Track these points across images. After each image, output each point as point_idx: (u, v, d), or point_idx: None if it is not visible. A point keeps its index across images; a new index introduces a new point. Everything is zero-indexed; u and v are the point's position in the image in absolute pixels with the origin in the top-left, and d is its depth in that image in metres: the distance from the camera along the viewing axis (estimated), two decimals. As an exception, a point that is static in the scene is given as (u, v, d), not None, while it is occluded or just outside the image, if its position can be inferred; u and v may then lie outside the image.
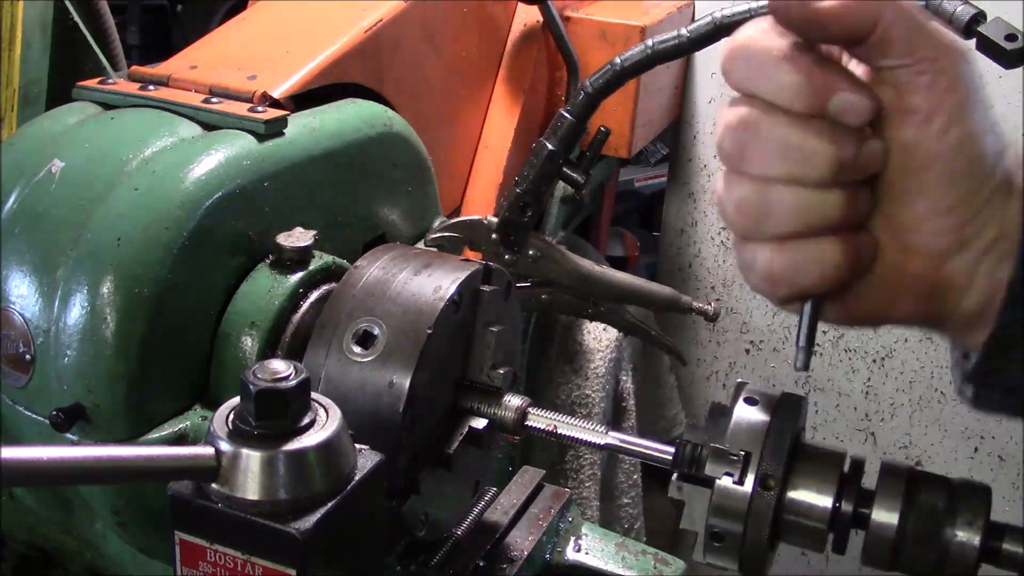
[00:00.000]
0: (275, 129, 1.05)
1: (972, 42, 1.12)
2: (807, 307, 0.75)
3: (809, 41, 0.71)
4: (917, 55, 0.70)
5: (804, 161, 0.70)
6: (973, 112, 0.71)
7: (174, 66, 1.18)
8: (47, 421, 0.91)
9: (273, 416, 0.70)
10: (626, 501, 2.18)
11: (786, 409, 0.83)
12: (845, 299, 0.76)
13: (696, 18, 1.43)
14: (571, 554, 1.11)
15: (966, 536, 0.77)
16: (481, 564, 1.02)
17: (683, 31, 1.28)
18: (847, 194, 0.72)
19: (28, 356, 0.94)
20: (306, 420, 0.71)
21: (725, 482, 0.80)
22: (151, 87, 1.11)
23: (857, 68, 0.74)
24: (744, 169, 0.72)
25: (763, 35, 0.71)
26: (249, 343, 0.95)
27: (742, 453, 0.80)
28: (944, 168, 0.71)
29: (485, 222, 1.40)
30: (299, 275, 0.98)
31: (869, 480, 0.82)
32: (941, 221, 0.72)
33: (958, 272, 0.73)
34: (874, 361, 2.35)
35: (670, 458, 0.86)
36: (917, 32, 0.70)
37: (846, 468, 0.83)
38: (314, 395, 0.74)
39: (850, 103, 0.70)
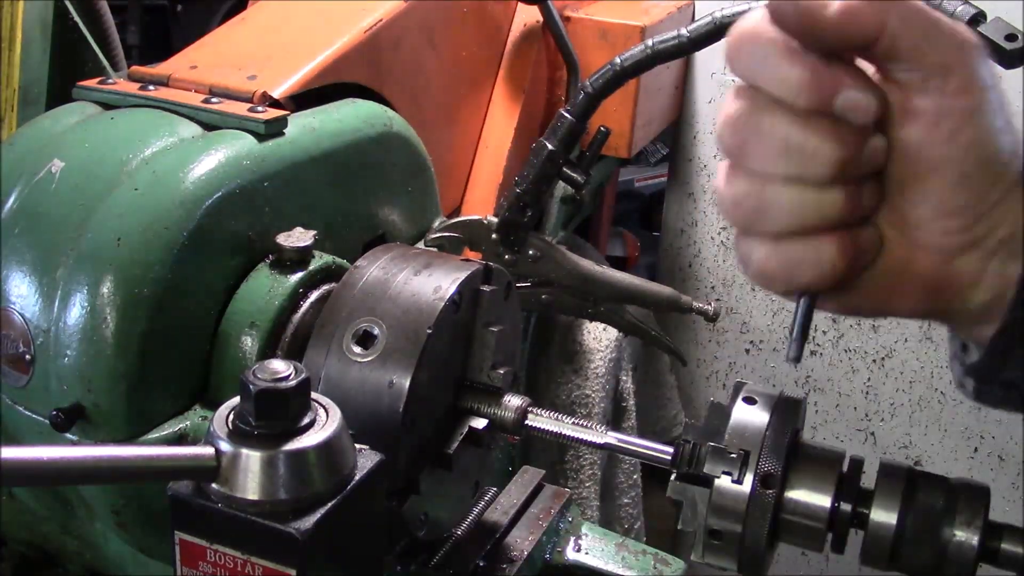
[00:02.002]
0: (275, 129, 1.05)
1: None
2: (802, 300, 0.73)
3: (808, 47, 0.67)
4: (926, 62, 0.67)
5: (805, 161, 0.67)
6: (986, 112, 0.68)
7: (174, 66, 1.18)
8: (47, 421, 0.91)
9: (273, 416, 0.70)
10: (626, 501, 2.18)
11: (785, 409, 0.83)
12: (846, 292, 0.73)
13: (696, 18, 1.43)
14: (571, 554, 1.11)
15: (964, 536, 0.77)
16: (481, 564, 1.02)
17: (683, 31, 1.28)
18: (849, 192, 0.69)
19: (28, 356, 0.94)
20: (306, 420, 0.71)
21: (724, 481, 0.80)
22: (151, 87, 1.11)
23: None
24: (743, 164, 0.70)
25: (771, 24, 0.67)
26: (249, 343, 0.95)
27: (741, 452, 0.80)
28: (952, 171, 0.68)
29: (485, 222, 1.40)
30: (299, 275, 0.98)
31: (868, 480, 0.82)
32: (949, 222, 0.69)
33: (966, 270, 0.71)
34: (874, 361, 2.35)
35: (669, 458, 0.86)
36: (926, 37, 0.67)
37: (845, 468, 0.83)
38: (314, 395, 0.74)
39: (856, 101, 0.66)
